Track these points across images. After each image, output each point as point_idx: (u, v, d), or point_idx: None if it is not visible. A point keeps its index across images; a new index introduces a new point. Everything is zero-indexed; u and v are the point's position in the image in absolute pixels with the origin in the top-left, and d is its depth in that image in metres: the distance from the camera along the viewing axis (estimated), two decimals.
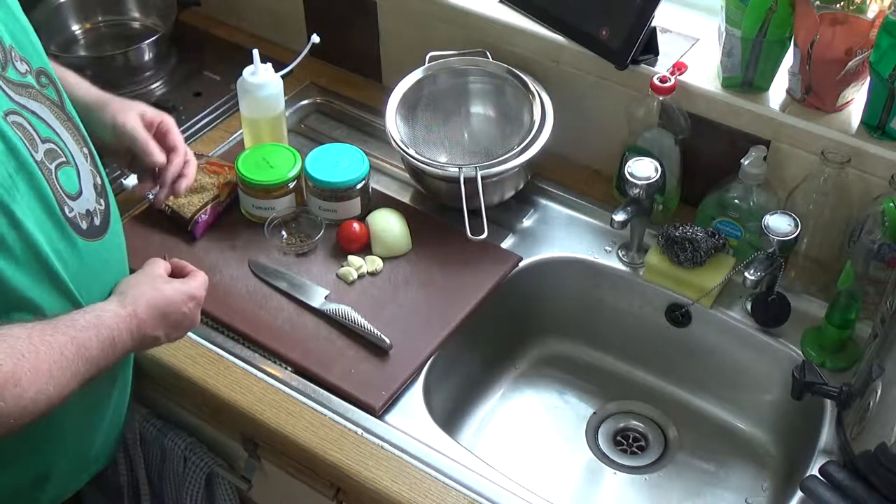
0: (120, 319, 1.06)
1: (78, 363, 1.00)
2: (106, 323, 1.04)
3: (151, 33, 1.82)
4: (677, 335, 1.45)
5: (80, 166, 1.10)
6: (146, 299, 1.10)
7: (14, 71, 1.03)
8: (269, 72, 1.50)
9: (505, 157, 1.43)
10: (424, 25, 1.63)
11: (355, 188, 1.47)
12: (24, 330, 0.97)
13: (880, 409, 1.12)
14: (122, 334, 1.06)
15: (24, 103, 1.03)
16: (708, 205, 1.42)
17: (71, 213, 1.06)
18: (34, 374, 0.95)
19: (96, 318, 1.04)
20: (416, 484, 1.19)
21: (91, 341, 1.02)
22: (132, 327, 1.07)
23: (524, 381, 1.53)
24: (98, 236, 1.11)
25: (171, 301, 1.13)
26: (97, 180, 1.14)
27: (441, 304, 1.39)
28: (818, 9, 1.26)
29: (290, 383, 1.30)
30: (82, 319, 1.03)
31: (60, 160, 1.06)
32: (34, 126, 1.03)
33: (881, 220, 1.24)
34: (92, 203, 1.11)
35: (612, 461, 1.43)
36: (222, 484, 1.38)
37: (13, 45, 1.05)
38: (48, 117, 1.06)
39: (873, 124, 1.31)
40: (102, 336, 1.03)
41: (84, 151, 1.12)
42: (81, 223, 1.08)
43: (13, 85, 1.02)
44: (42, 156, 1.03)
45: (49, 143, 1.05)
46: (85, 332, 1.01)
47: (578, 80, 1.51)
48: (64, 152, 1.07)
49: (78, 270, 1.07)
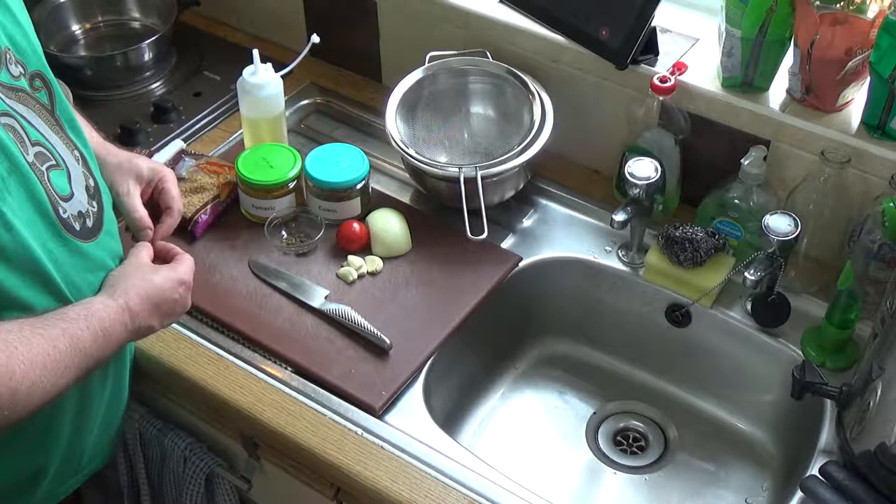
0: (111, 311, 1.06)
1: (72, 355, 0.99)
2: (97, 315, 1.04)
3: (151, 33, 1.81)
4: (677, 335, 1.45)
5: (71, 169, 1.09)
6: (136, 290, 1.10)
7: (7, 74, 1.03)
8: (269, 72, 1.50)
9: (505, 157, 1.43)
10: (424, 25, 1.63)
11: (355, 188, 1.47)
12: (16, 324, 0.97)
13: (880, 409, 1.12)
14: (114, 325, 1.06)
15: (13, 107, 1.02)
16: (708, 205, 1.42)
17: (64, 213, 1.06)
18: (28, 367, 0.95)
19: (86, 310, 1.04)
20: (415, 484, 1.19)
21: (83, 332, 1.01)
22: (125, 319, 1.07)
23: (524, 381, 1.53)
24: (90, 238, 1.11)
25: (162, 290, 1.13)
26: (90, 182, 1.13)
27: (441, 304, 1.39)
28: (818, 9, 1.26)
29: (290, 383, 1.30)
30: (72, 312, 1.03)
31: (50, 163, 1.06)
32: (25, 129, 1.03)
33: (881, 220, 1.24)
34: (84, 205, 1.11)
35: (612, 461, 1.43)
36: (222, 484, 1.39)
37: (9, 48, 1.04)
38: (36, 122, 1.06)
39: (873, 124, 1.31)
40: (94, 327, 1.03)
41: (76, 154, 1.12)
42: (75, 224, 1.08)
43: (4, 88, 1.02)
44: (33, 158, 1.03)
45: (39, 147, 1.05)
46: (76, 324, 1.01)
47: (578, 80, 1.51)
48: (53, 156, 1.07)
49: (70, 271, 1.07)
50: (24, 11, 1.10)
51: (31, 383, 0.95)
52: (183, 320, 1.36)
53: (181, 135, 1.66)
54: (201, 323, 1.37)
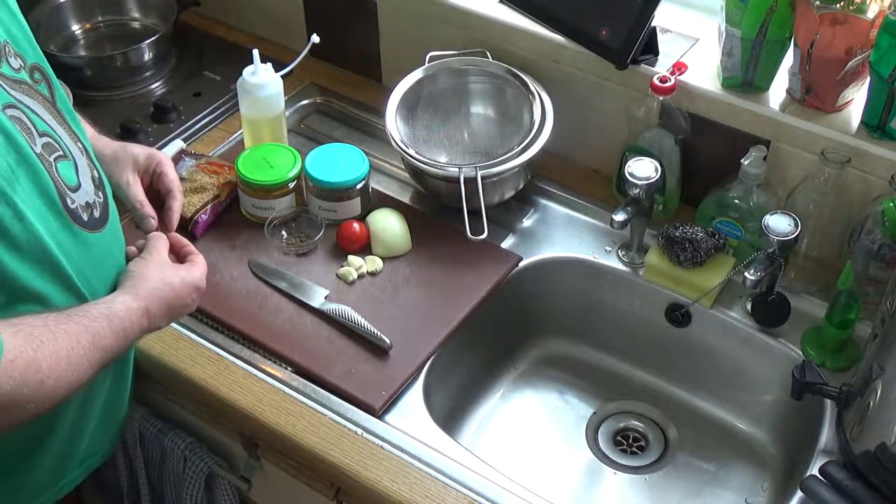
0: (132, 312, 1.09)
1: (93, 351, 1.02)
2: (118, 314, 1.07)
3: (151, 33, 1.82)
4: (677, 335, 1.45)
5: (77, 160, 1.11)
6: (159, 295, 1.13)
7: (8, 66, 1.04)
8: (269, 72, 1.50)
9: (505, 157, 1.43)
10: (424, 25, 1.63)
11: (355, 188, 1.47)
12: (40, 319, 0.99)
13: (880, 409, 1.12)
14: (132, 326, 1.09)
15: (19, 98, 1.03)
16: (708, 205, 1.42)
17: (73, 204, 1.07)
18: (54, 360, 0.97)
19: (108, 308, 1.07)
20: (415, 484, 1.19)
21: (105, 330, 1.04)
22: (143, 322, 1.11)
23: (524, 381, 1.53)
24: (98, 228, 1.12)
25: (179, 295, 1.16)
26: (94, 173, 1.15)
27: (441, 304, 1.39)
28: (818, 9, 1.26)
29: (290, 383, 1.30)
30: (94, 310, 1.05)
31: (58, 153, 1.07)
32: (31, 120, 1.04)
33: (881, 220, 1.24)
34: (91, 195, 1.12)
35: (612, 461, 1.43)
36: (222, 484, 1.38)
37: (8, 41, 1.05)
38: (42, 112, 1.07)
39: (873, 124, 1.31)
40: (115, 326, 1.06)
41: (79, 146, 1.13)
42: (83, 215, 1.09)
43: (8, 80, 1.03)
44: (41, 149, 1.04)
45: (46, 137, 1.06)
46: (98, 322, 1.04)
47: (578, 80, 1.51)
48: (60, 146, 1.08)
49: (80, 261, 1.08)
50: (15, 4, 1.10)
51: (56, 377, 0.97)
52: (183, 320, 1.36)
53: (181, 135, 1.66)
54: (201, 323, 1.37)
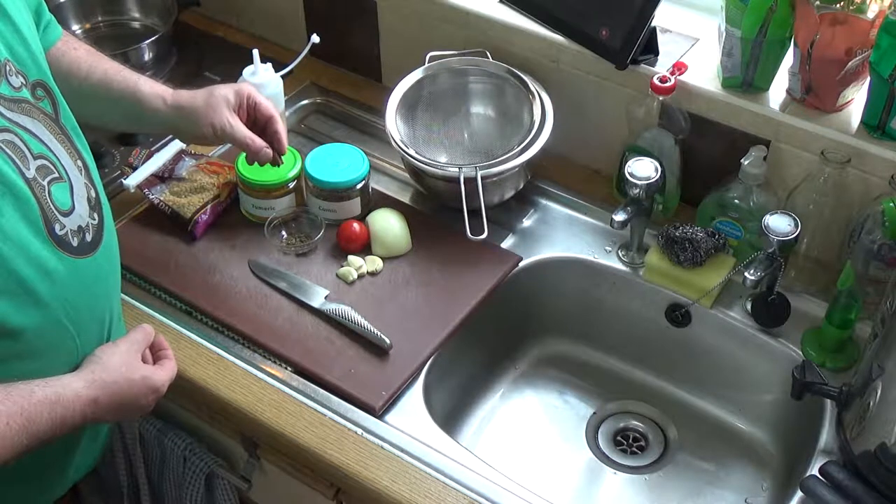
0: (79, 401, 1.05)
1: (21, 436, 0.98)
2: (63, 402, 1.03)
3: (151, 33, 1.82)
4: (677, 335, 1.45)
5: (74, 181, 1.09)
6: (113, 389, 1.08)
7: (7, 86, 1.02)
8: (269, 72, 1.50)
9: (505, 157, 1.43)
10: (424, 25, 1.63)
11: (355, 188, 1.47)
12: None
13: (880, 409, 1.12)
14: (75, 415, 1.04)
15: (16, 120, 1.02)
16: (708, 205, 1.42)
17: (62, 230, 1.05)
18: None
19: (55, 394, 1.02)
20: (415, 484, 1.19)
21: (41, 416, 1.00)
22: (87, 412, 1.06)
23: (524, 381, 1.53)
24: (88, 253, 1.10)
25: (135, 396, 1.11)
26: (91, 194, 1.12)
27: (441, 304, 1.39)
28: (818, 9, 1.26)
29: (290, 383, 1.30)
30: (40, 392, 1.01)
31: (53, 176, 1.05)
32: (26, 142, 1.02)
33: (881, 220, 1.24)
34: (85, 218, 1.10)
35: (612, 461, 1.43)
36: (222, 484, 1.39)
37: (9, 59, 1.04)
38: (41, 132, 1.05)
39: (873, 124, 1.31)
40: (56, 414, 1.02)
41: (78, 164, 1.11)
42: (72, 240, 1.07)
43: (6, 101, 1.01)
44: (34, 172, 1.02)
45: (41, 160, 1.04)
46: (38, 408, 1.00)
47: (578, 80, 1.51)
48: (56, 168, 1.06)
49: (65, 289, 1.06)
50: (25, 19, 1.09)
51: None
52: (183, 320, 1.37)
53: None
54: (201, 323, 1.37)
